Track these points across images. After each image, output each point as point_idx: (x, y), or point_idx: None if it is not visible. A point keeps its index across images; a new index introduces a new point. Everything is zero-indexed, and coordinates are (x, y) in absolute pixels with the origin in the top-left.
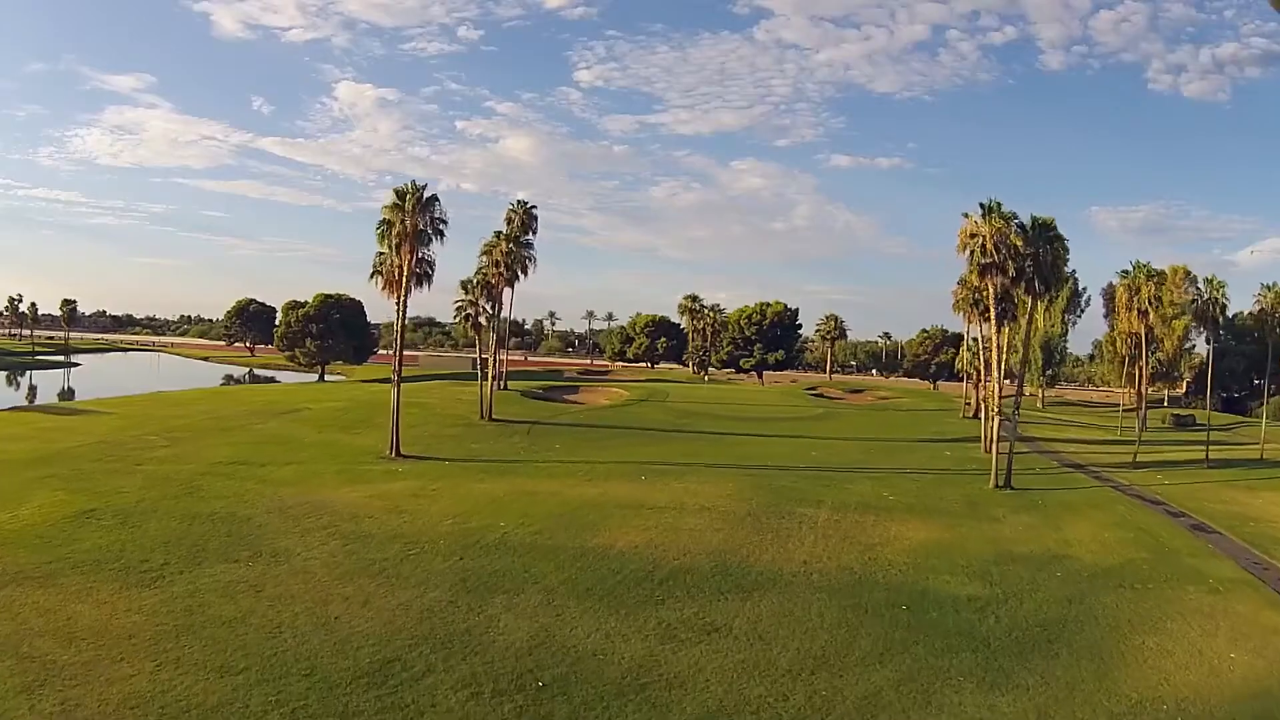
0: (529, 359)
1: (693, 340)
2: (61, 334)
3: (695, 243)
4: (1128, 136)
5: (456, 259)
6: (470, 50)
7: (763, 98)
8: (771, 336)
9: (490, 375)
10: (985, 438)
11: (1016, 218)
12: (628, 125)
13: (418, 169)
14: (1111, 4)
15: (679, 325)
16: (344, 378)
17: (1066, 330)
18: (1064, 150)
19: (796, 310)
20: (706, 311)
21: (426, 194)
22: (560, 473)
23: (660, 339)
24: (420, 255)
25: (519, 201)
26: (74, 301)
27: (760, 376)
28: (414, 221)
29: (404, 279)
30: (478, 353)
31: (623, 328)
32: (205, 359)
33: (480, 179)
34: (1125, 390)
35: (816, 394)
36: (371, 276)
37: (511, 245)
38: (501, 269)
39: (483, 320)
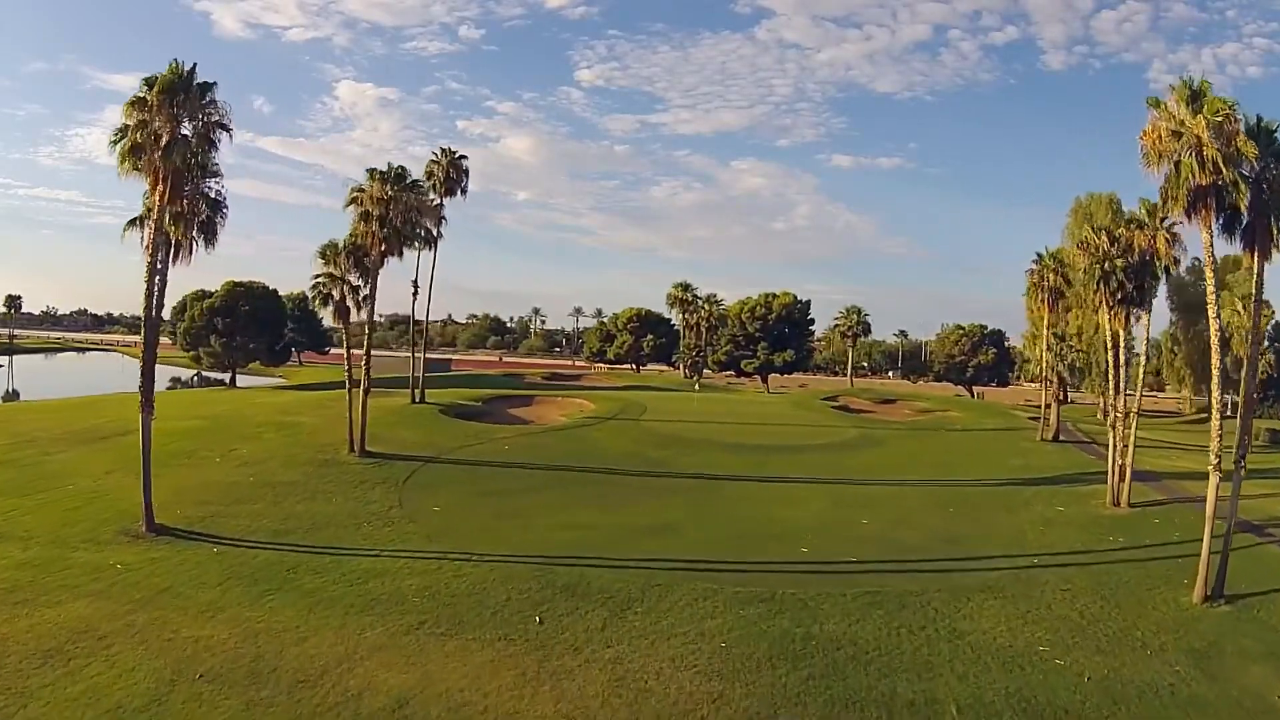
0: (504, 359)
1: (685, 337)
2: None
3: (696, 242)
4: (1129, 136)
5: (467, 264)
6: (471, 50)
7: (764, 97)
8: (778, 333)
9: (364, 387)
10: (1114, 481)
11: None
12: (629, 125)
13: (418, 169)
14: (1113, 4)
15: (669, 320)
16: (284, 380)
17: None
18: (1065, 150)
19: (808, 303)
20: (701, 303)
21: (200, 80)
22: (383, 596)
23: (646, 336)
24: (198, 189)
25: (443, 149)
26: (19, 297)
27: (765, 381)
28: (171, 125)
29: (157, 227)
30: (345, 349)
31: (602, 324)
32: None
33: (481, 179)
34: (1185, 397)
35: (839, 406)
36: (126, 229)
37: (391, 188)
38: (375, 226)
39: (351, 304)
